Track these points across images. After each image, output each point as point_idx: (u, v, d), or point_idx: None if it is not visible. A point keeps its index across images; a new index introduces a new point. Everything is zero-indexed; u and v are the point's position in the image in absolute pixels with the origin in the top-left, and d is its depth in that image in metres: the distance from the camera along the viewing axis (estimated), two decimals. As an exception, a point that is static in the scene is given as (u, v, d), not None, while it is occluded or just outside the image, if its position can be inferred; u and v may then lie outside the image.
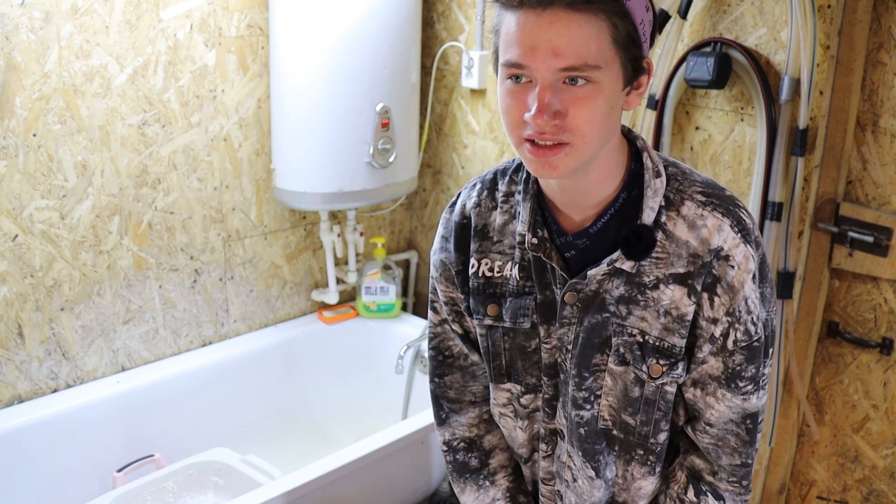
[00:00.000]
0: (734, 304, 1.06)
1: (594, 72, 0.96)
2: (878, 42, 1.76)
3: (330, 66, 2.26)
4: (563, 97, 0.97)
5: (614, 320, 1.11)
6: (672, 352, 1.10)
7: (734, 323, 1.07)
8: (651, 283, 1.08)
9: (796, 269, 1.92)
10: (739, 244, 1.06)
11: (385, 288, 2.69)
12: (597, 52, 0.96)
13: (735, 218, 1.07)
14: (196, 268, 2.37)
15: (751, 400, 1.12)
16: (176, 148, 2.23)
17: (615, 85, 1.00)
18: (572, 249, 1.12)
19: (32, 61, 1.92)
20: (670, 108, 2.04)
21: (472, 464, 1.33)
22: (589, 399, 1.16)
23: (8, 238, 1.98)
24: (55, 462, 2.08)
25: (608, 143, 1.05)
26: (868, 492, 1.98)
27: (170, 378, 2.29)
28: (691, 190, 1.09)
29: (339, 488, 1.99)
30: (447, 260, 1.24)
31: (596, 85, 0.98)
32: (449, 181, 2.73)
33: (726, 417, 1.13)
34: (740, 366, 1.10)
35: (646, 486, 1.21)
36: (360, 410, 2.71)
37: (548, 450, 1.25)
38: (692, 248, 1.06)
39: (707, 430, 1.15)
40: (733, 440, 1.15)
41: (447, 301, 1.27)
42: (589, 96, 0.97)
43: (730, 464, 1.16)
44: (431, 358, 1.33)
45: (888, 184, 1.81)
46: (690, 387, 1.14)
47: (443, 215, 1.27)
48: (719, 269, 1.06)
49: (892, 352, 1.87)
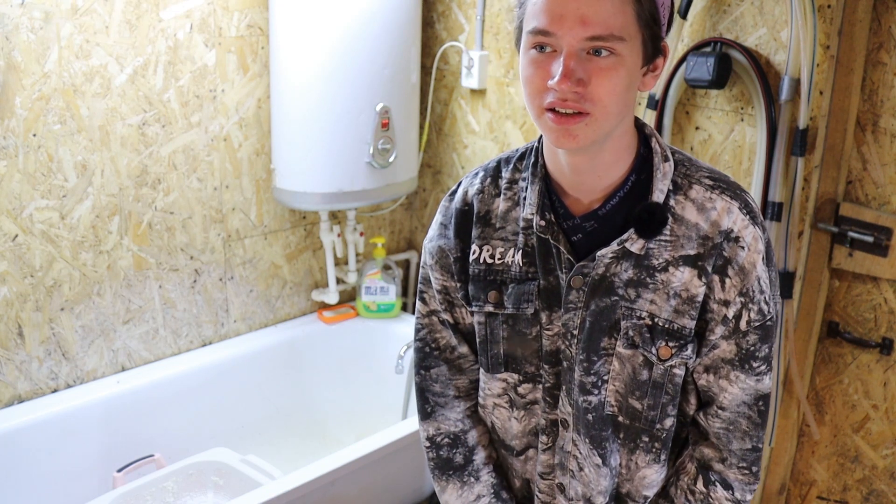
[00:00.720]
0: (747, 284, 1.08)
1: (618, 43, 1.00)
2: (878, 42, 1.76)
3: (330, 66, 2.26)
4: (586, 66, 1.00)
5: (623, 304, 1.12)
6: (682, 333, 1.11)
7: (748, 303, 1.09)
8: (660, 265, 1.10)
9: (796, 269, 1.92)
10: (749, 226, 1.09)
11: (385, 288, 2.70)
12: (622, 25, 1.00)
13: (742, 201, 1.10)
14: (196, 268, 2.37)
15: (764, 381, 1.14)
16: (176, 148, 2.23)
17: (636, 60, 1.03)
18: (579, 233, 1.13)
19: (32, 61, 1.92)
20: (670, 108, 2.04)
21: (456, 460, 1.32)
22: (596, 384, 1.16)
23: (8, 238, 1.99)
24: (55, 462, 2.08)
25: (623, 123, 1.08)
26: (868, 492, 1.98)
27: (170, 378, 2.29)
28: (699, 174, 1.12)
29: (339, 488, 1.99)
30: (446, 246, 1.24)
31: (619, 57, 1.01)
32: (449, 181, 2.73)
33: (739, 400, 1.15)
34: (754, 346, 1.12)
35: (650, 475, 1.21)
36: (360, 410, 2.71)
37: (548, 442, 1.25)
38: (702, 231, 1.09)
39: (719, 414, 1.16)
40: (745, 423, 1.16)
41: (440, 290, 1.26)
42: (611, 67, 1.00)
43: (741, 448, 1.17)
44: (418, 350, 1.32)
45: (888, 184, 1.81)
46: (703, 373, 1.15)
47: (441, 204, 1.28)
48: (730, 251, 1.08)
49: (892, 352, 1.87)
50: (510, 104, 2.48)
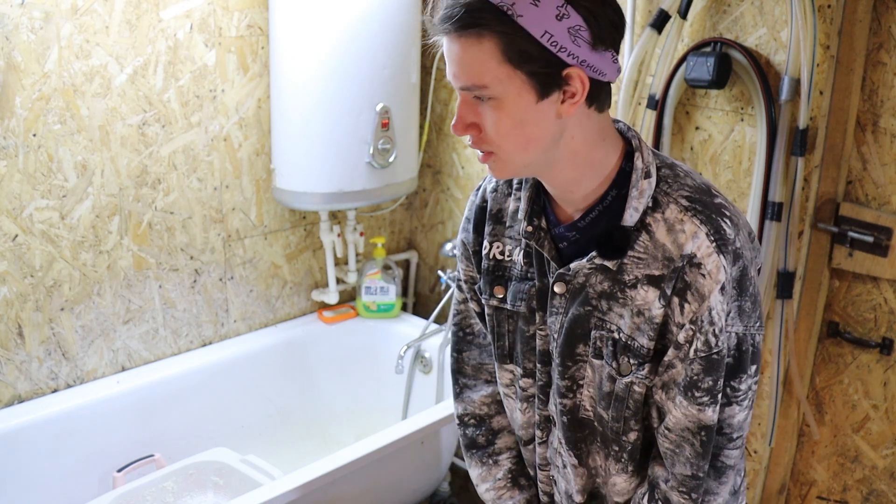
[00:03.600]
0: (699, 313, 1.06)
1: (485, 90, 1.03)
2: (878, 42, 1.76)
3: (330, 66, 2.26)
4: (476, 111, 1.06)
5: (596, 314, 1.14)
6: (640, 352, 1.11)
7: (696, 332, 1.07)
8: (630, 281, 1.10)
9: (796, 269, 1.92)
10: (712, 253, 1.05)
11: (385, 288, 2.70)
12: (483, 72, 1.02)
13: (714, 227, 1.07)
14: (196, 268, 2.37)
15: (706, 412, 1.11)
16: (176, 148, 2.23)
17: (519, 99, 1.03)
18: (565, 241, 1.16)
19: (32, 61, 1.92)
20: (670, 108, 2.04)
21: (479, 440, 1.40)
22: (571, 388, 1.20)
23: (8, 238, 1.98)
24: (55, 462, 2.08)
25: (557, 147, 1.07)
26: (868, 492, 1.98)
27: (170, 378, 2.29)
28: (678, 194, 1.10)
29: (339, 488, 1.99)
30: (466, 240, 1.31)
31: (497, 101, 1.04)
32: (449, 181, 2.73)
33: (682, 425, 1.13)
34: (697, 375, 1.09)
35: (620, 483, 1.23)
36: (360, 410, 2.71)
37: (542, 436, 1.30)
38: (668, 252, 1.08)
39: (667, 435, 1.15)
40: (688, 449, 1.14)
41: (467, 279, 1.35)
42: (494, 108, 1.04)
43: (681, 473, 1.15)
44: (453, 334, 1.41)
45: (888, 184, 1.81)
46: (659, 389, 1.15)
47: (469, 197, 1.35)
48: (690, 276, 1.06)
49: (892, 352, 1.87)
50: (510, 104, 2.48)
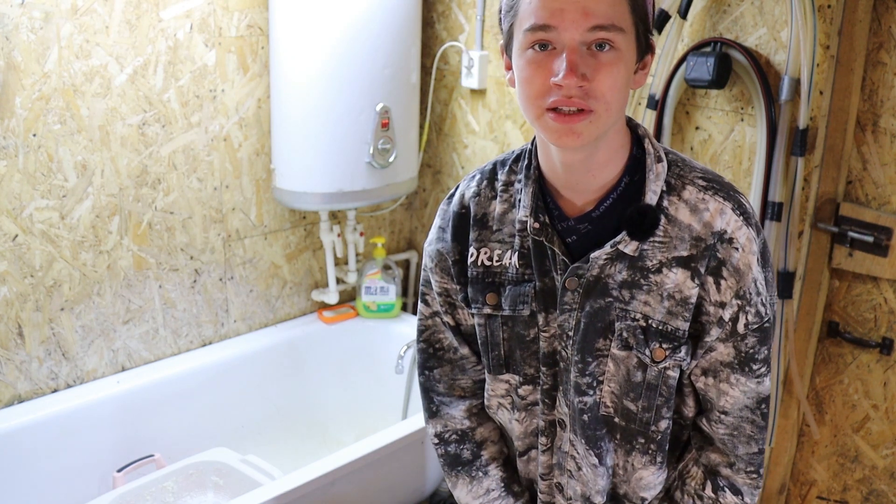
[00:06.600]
0: (743, 286, 1.07)
1: (619, 34, 0.99)
2: (878, 42, 1.76)
3: (330, 66, 2.26)
4: (588, 62, 0.99)
5: (617, 305, 1.12)
6: (675, 335, 1.10)
7: (745, 306, 1.08)
8: (654, 266, 1.09)
9: (796, 269, 1.92)
10: (742, 227, 1.08)
11: (385, 288, 2.70)
12: (621, 15, 1.00)
13: (736, 202, 1.09)
14: (196, 268, 2.37)
15: (764, 382, 1.14)
16: (176, 148, 2.23)
17: (632, 55, 1.04)
18: (574, 234, 1.13)
19: (32, 61, 1.92)
20: (670, 108, 2.04)
21: (464, 455, 1.33)
22: (592, 385, 1.17)
23: (8, 238, 1.98)
24: (55, 462, 2.08)
25: (618, 121, 1.08)
26: (868, 492, 1.98)
27: (170, 378, 2.29)
28: (692, 175, 1.11)
29: (339, 488, 1.99)
30: (444, 250, 1.24)
31: (618, 52, 1.00)
32: (449, 181, 2.73)
33: (742, 403, 1.14)
34: (753, 348, 1.11)
35: (647, 477, 1.21)
36: (360, 410, 2.71)
37: (547, 443, 1.25)
38: (695, 232, 1.08)
39: (722, 420, 1.16)
40: (749, 427, 1.15)
41: (441, 292, 1.27)
42: (613, 62, 1.00)
43: (747, 452, 1.17)
44: (421, 351, 1.33)
45: (888, 184, 1.81)
46: (701, 376, 1.15)
47: (440, 207, 1.28)
48: (723, 252, 1.07)
49: (892, 352, 1.87)
50: (510, 104, 2.48)
